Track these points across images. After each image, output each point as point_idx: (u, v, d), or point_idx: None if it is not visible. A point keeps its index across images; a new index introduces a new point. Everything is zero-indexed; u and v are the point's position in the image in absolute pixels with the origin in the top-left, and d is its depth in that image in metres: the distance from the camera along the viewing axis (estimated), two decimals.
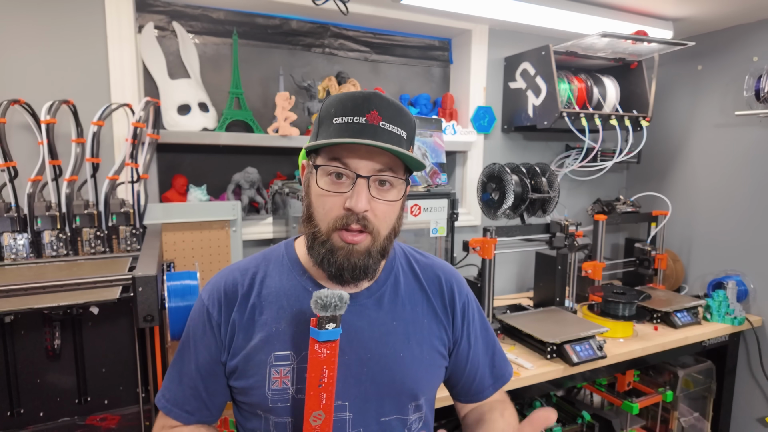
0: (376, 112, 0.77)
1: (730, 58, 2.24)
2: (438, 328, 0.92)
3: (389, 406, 0.86)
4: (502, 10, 1.94)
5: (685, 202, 2.45)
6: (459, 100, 2.31)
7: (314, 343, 0.72)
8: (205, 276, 1.71)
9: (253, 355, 0.83)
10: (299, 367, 0.82)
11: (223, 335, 0.85)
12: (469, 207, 2.33)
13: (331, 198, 0.78)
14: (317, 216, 0.80)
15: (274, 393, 0.81)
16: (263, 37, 1.96)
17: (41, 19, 1.55)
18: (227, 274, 0.90)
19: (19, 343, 1.23)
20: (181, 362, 0.89)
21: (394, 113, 0.79)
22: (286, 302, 0.85)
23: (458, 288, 0.97)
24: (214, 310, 0.86)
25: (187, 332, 0.90)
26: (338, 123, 0.77)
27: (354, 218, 0.77)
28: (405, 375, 0.86)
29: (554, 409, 0.82)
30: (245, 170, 1.88)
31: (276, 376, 0.82)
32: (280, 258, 0.91)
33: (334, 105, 0.79)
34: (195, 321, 0.88)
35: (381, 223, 0.80)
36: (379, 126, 0.77)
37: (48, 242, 1.32)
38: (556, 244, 1.94)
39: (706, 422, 2.17)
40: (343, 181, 0.78)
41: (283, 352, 0.82)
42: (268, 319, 0.84)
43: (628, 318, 1.86)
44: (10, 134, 1.37)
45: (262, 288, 0.87)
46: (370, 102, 0.77)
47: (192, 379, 0.87)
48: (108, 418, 1.30)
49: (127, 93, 1.65)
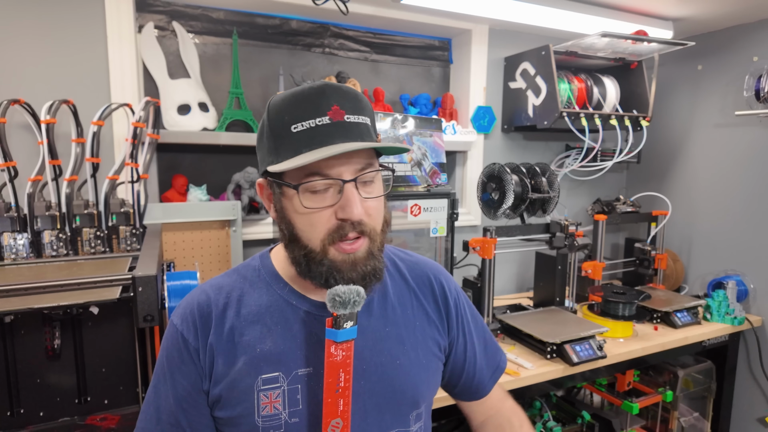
0: (337, 107, 0.69)
1: (730, 58, 2.24)
2: (431, 328, 0.88)
3: (390, 419, 0.80)
4: (502, 10, 1.94)
5: (685, 202, 2.45)
6: (459, 100, 2.31)
7: (331, 345, 0.68)
8: (205, 276, 1.71)
9: (238, 382, 0.75)
10: (290, 388, 0.75)
11: (202, 361, 0.76)
12: (469, 207, 2.33)
13: (318, 214, 0.71)
14: (304, 236, 0.73)
15: (265, 420, 0.74)
16: (263, 37, 1.96)
17: (41, 19, 1.55)
18: (198, 294, 0.81)
19: (19, 343, 1.23)
20: (157, 398, 0.78)
21: (353, 102, 0.71)
22: (269, 319, 0.78)
23: (447, 284, 0.92)
24: (190, 334, 0.77)
25: (160, 364, 0.79)
26: (299, 131, 0.69)
27: (350, 227, 0.71)
28: (404, 383, 0.81)
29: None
30: (245, 170, 1.88)
31: (265, 401, 0.74)
32: (256, 272, 0.83)
33: (286, 109, 0.70)
34: (169, 350, 0.78)
35: (375, 221, 0.74)
36: (345, 121, 0.69)
37: (48, 242, 1.32)
38: (556, 244, 1.94)
39: (706, 422, 2.17)
40: (328, 193, 0.71)
41: (271, 374, 0.75)
42: (251, 340, 0.76)
43: (628, 318, 1.86)
44: (10, 134, 1.37)
45: (241, 307, 0.79)
46: (327, 96, 0.70)
47: (172, 415, 0.77)
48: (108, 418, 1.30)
49: (127, 93, 1.65)
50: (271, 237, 1.92)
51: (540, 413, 1.87)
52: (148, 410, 0.79)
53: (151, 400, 0.79)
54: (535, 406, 1.90)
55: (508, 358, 1.62)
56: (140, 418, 0.80)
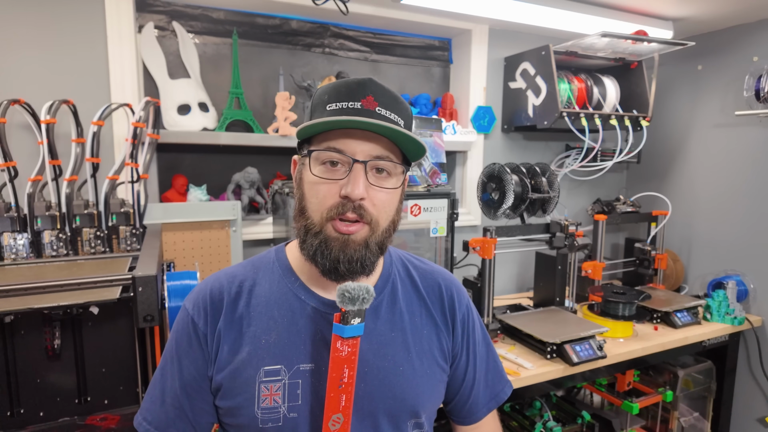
0: (372, 98, 0.73)
1: (730, 58, 2.24)
2: (438, 339, 0.87)
3: (386, 424, 0.79)
4: (502, 10, 1.94)
5: (685, 202, 2.45)
6: (459, 100, 2.31)
7: (337, 340, 0.69)
8: (205, 276, 1.71)
9: (241, 371, 0.76)
10: (291, 382, 0.76)
11: (210, 347, 0.78)
12: (469, 207, 2.33)
13: (325, 185, 0.73)
14: (310, 207, 0.75)
15: (264, 412, 0.75)
16: (263, 37, 1.96)
17: (41, 19, 1.55)
18: (212, 281, 0.83)
19: (19, 343, 1.23)
20: (163, 380, 0.80)
21: (390, 100, 0.75)
22: (276, 312, 0.79)
23: (458, 297, 0.91)
24: (200, 320, 0.79)
25: (169, 347, 0.81)
26: (332, 109, 0.73)
27: (350, 206, 0.72)
28: (405, 390, 0.80)
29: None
30: (245, 170, 1.88)
31: (266, 393, 0.75)
32: (270, 265, 0.84)
33: (328, 92, 0.75)
34: (179, 333, 0.80)
35: (380, 213, 0.75)
36: (375, 111, 0.72)
37: (48, 242, 1.32)
38: (556, 244, 1.94)
39: (706, 422, 2.17)
40: (338, 168, 0.73)
41: (274, 366, 0.76)
42: (257, 331, 0.78)
43: (628, 318, 1.86)
44: (10, 134, 1.37)
45: (251, 297, 0.80)
46: (365, 87, 0.73)
47: (176, 398, 0.79)
48: (108, 418, 1.30)
49: (127, 93, 1.65)
50: (272, 237, 1.92)
51: (540, 413, 1.87)
52: (154, 391, 0.81)
53: (157, 381, 0.81)
54: (535, 406, 1.90)
55: (508, 358, 1.62)
56: (145, 398, 0.82)
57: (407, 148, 0.77)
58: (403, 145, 0.76)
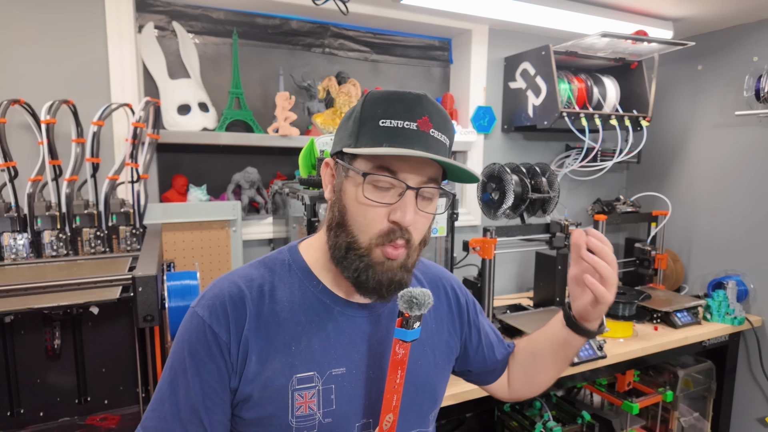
0: (428, 118, 0.71)
1: (730, 58, 2.24)
2: (446, 332, 0.91)
3: (413, 419, 0.82)
4: (502, 10, 1.94)
5: (685, 202, 2.45)
6: (459, 100, 2.31)
7: (397, 344, 0.70)
8: (205, 276, 1.71)
9: (272, 381, 0.73)
10: (324, 388, 0.75)
11: (233, 357, 0.73)
12: (469, 207, 2.33)
13: (374, 209, 0.72)
14: (355, 226, 0.73)
15: (299, 420, 0.73)
16: (263, 37, 1.96)
17: (41, 19, 1.55)
18: (228, 285, 0.77)
19: (19, 343, 1.23)
20: (175, 396, 0.73)
21: (442, 120, 0.74)
22: (303, 318, 0.77)
23: (459, 289, 0.97)
24: (221, 328, 0.73)
25: (179, 359, 0.74)
26: (386, 126, 0.70)
27: (400, 233, 0.72)
28: (425, 383, 0.84)
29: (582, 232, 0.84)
30: (245, 170, 1.88)
31: (300, 401, 0.73)
32: (285, 267, 0.81)
33: (381, 104, 0.72)
34: (193, 344, 0.73)
35: (417, 236, 0.75)
36: (429, 134, 0.71)
37: (48, 242, 1.32)
38: (556, 244, 1.94)
39: (706, 422, 2.17)
40: (389, 192, 0.72)
41: (306, 373, 0.74)
42: (285, 338, 0.75)
43: (628, 318, 1.86)
44: (10, 134, 1.37)
45: (274, 302, 0.76)
46: (422, 106, 0.72)
47: (194, 413, 0.72)
48: (108, 418, 1.30)
49: (127, 93, 1.65)
50: (271, 237, 1.92)
51: (540, 413, 1.87)
52: (162, 408, 0.74)
53: (166, 398, 0.74)
54: (535, 406, 1.90)
55: None
56: (150, 416, 0.74)
57: (457, 174, 0.77)
58: (453, 172, 0.76)
